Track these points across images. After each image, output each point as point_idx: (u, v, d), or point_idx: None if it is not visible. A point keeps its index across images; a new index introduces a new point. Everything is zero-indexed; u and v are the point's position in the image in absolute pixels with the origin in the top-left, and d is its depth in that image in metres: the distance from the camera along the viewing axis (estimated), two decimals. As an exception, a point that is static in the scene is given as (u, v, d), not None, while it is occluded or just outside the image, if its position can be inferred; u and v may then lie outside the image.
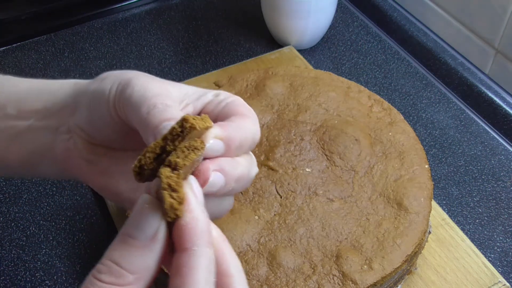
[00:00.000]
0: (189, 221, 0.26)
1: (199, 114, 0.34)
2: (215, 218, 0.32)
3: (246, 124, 0.32)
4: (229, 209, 0.33)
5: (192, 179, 0.28)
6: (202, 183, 0.28)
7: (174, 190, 0.26)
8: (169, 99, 0.31)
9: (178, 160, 0.26)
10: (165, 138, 0.27)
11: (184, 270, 0.25)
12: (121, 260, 0.26)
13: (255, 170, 0.32)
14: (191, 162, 0.27)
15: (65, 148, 0.36)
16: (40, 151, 0.38)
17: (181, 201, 0.26)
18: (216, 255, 0.27)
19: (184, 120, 0.27)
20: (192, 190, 0.27)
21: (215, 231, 0.28)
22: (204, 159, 0.30)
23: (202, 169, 0.29)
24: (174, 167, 0.26)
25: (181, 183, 0.26)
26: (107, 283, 0.26)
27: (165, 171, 0.26)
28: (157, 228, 0.26)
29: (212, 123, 0.29)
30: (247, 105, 0.33)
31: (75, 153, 0.36)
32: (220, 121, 0.32)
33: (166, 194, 0.25)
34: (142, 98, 0.31)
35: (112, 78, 0.34)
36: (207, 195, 0.29)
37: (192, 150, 0.27)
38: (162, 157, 0.27)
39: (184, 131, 0.27)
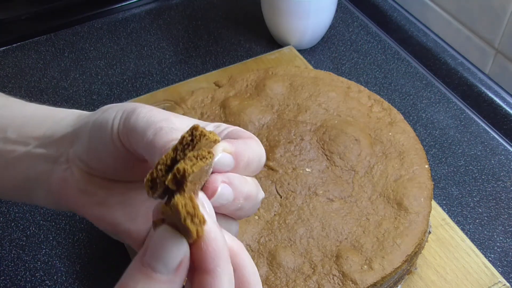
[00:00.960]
0: (209, 243, 0.25)
1: None
2: None
3: (252, 144, 0.31)
4: (235, 233, 0.32)
5: (201, 196, 0.27)
6: (210, 194, 0.28)
7: (192, 215, 0.25)
8: (174, 124, 0.31)
9: (186, 167, 0.26)
10: (175, 149, 0.27)
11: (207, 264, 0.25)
12: None
13: (262, 194, 0.32)
14: (199, 171, 0.26)
15: (62, 178, 0.36)
16: (36, 179, 0.38)
17: (202, 223, 0.25)
18: (234, 263, 0.27)
19: (194, 128, 0.27)
20: (204, 206, 0.27)
21: (230, 239, 0.28)
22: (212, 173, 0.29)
23: (210, 180, 0.28)
24: (182, 175, 0.26)
25: (196, 205, 0.25)
26: None
27: (179, 200, 0.25)
28: (181, 260, 0.26)
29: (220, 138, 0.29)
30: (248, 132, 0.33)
31: (72, 184, 0.36)
32: None
33: (189, 223, 0.25)
34: (148, 123, 0.31)
35: (115, 108, 0.34)
36: (217, 214, 0.28)
37: (200, 159, 0.26)
38: (173, 168, 0.27)
39: (194, 140, 0.27)
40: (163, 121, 0.31)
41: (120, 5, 0.95)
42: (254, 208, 0.32)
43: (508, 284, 0.55)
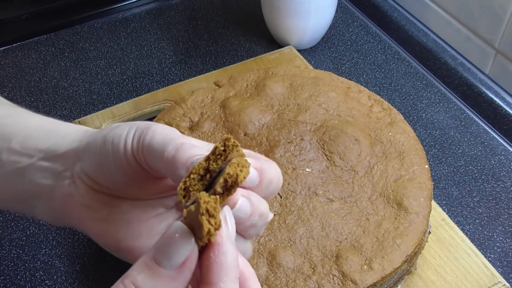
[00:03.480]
0: (218, 254, 0.25)
1: None
2: None
3: (273, 164, 0.32)
4: (250, 254, 0.32)
5: (227, 209, 0.27)
6: (231, 206, 0.28)
7: (211, 216, 0.25)
8: (191, 141, 0.32)
9: (238, 173, 0.26)
10: (207, 159, 0.27)
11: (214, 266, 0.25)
12: (143, 286, 0.25)
13: (271, 215, 0.32)
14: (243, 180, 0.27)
15: (66, 193, 0.36)
16: (38, 192, 0.37)
17: (217, 228, 0.25)
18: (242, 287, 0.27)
19: (226, 139, 0.28)
20: (226, 221, 0.27)
21: (244, 264, 0.28)
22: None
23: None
24: (234, 180, 0.26)
25: (218, 209, 0.26)
26: None
27: (204, 196, 0.26)
28: (185, 258, 0.26)
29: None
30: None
31: (76, 199, 0.36)
32: None
33: (204, 220, 0.25)
34: (167, 140, 0.31)
35: (127, 125, 0.34)
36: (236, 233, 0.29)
37: (243, 167, 0.27)
38: (206, 177, 0.27)
39: (227, 150, 0.27)
40: (182, 138, 0.31)
41: (120, 5, 0.95)
42: (263, 228, 0.32)
43: (508, 284, 0.55)
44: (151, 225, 0.36)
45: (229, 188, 0.27)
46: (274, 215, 0.51)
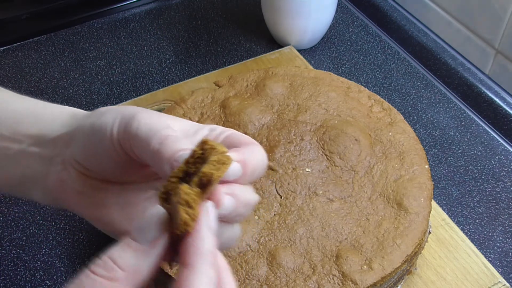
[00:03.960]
0: (195, 240, 0.27)
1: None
2: (227, 247, 0.32)
3: (256, 150, 0.32)
4: (238, 237, 0.33)
5: (210, 204, 0.28)
6: (217, 204, 0.29)
7: (190, 207, 0.27)
8: (176, 131, 0.32)
9: (213, 172, 0.27)
10: (187, 162, 0.28)
11: (185, 284, 0.26)
12: (117, 257, 0.27)
13: (257, 197, 0.33)
14: (220, 176, 0.28)
15: (59, 179, 0.36)
16: (32, 177, 0.38)
17: (194, 218, 0.27)
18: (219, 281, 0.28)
19: (204, 142, 0.28)
20: (207, 213, 0.28)
21: (220, 259, 0.29)
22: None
23: (215, 192, 0.29)
24: (208, 179, 0.27)
25: (198, 201, 0.27)
26: (98, 275, 0.27)
27: (184, 187, 0.27)
28: (157, 236, 0.28)
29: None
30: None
31: (69, 185, 0.36)
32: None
33: (181, 209, 0.26)
34: (152, 131, 0.31)
35: (112, 113, 0.34)
36: (220, 221, 0.29)
37: (221, 164, 0.28)
38: (186, 180, 0.28)
39: (205, 153, 0.28)
40: (168, 129, 0.31)
41: (120, 5, 0.95)
42: (250, 212, 0.33)
43: (508, 285, 0.55)
44: (144, 208, 0.36)
45: (205, 186, 0.27)
46: (274, 215, 0.51)
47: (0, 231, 0.63)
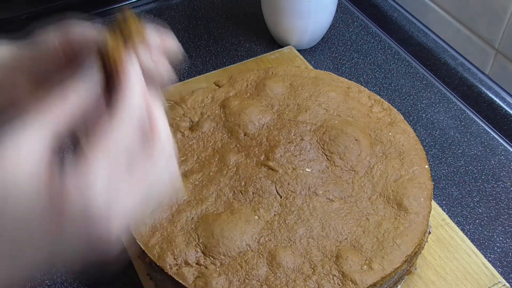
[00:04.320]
0: (123, 71, 0.32)
1: None
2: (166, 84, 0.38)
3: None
4: (172, 78, 0.38)
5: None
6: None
7: (117, 47, 0.33)
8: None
9: (132, 29, 0.35)
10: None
11: (123, 85, 0.31)
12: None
13: (177, 46, 0.39)
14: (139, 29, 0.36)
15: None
16: None
17: (121, 57, 0.33)
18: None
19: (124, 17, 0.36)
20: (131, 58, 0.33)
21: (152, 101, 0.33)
22: None
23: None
24: (129, 32, 0.35)
25: (122, 44, 0.33)
26: None
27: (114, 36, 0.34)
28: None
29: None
30: None
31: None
32: None
33: (109, 39, 0.33)
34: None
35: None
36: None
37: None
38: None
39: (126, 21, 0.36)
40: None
41: (120, 5, 0.94)
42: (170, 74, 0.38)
43: (508, 285, 0.55)
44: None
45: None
46: (274, 215, 0.51)
47: None
